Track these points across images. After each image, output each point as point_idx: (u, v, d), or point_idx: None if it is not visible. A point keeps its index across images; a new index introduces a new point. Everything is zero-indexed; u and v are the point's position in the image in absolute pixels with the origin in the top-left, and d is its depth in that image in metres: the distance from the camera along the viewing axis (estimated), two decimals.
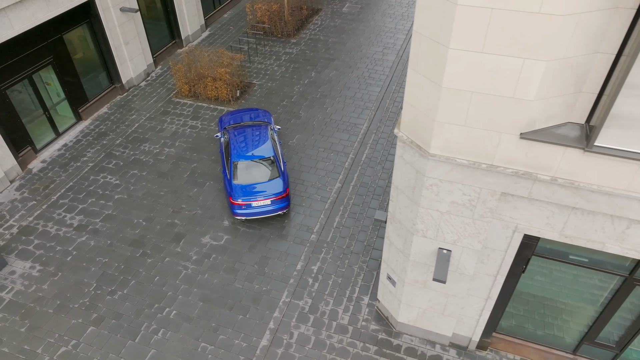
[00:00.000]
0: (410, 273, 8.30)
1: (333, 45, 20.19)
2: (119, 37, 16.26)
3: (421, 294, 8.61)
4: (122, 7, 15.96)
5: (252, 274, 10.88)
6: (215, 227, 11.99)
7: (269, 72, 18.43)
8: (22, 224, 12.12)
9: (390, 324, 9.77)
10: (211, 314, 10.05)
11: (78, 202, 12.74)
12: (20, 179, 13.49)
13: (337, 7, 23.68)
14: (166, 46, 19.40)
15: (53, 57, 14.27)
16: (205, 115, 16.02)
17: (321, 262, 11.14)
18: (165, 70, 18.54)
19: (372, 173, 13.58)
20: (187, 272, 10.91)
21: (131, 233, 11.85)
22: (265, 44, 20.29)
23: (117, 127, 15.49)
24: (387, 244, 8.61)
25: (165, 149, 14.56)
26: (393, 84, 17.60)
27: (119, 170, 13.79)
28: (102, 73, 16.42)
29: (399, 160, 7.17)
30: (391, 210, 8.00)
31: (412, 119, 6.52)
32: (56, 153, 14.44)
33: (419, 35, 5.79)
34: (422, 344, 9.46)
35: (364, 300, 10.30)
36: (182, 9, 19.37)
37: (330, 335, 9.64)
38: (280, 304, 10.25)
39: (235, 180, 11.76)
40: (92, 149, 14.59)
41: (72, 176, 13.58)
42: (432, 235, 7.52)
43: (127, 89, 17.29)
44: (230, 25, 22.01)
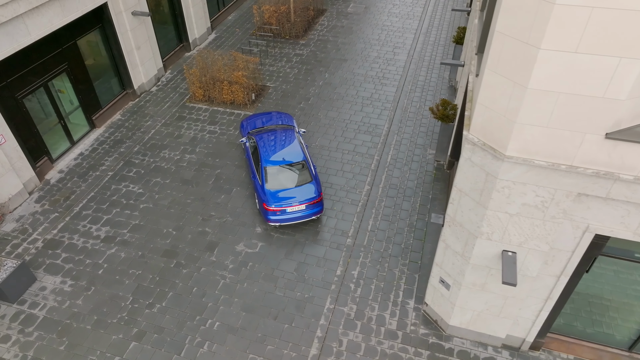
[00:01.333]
0: (468, 276, 8.20)
1: (343, 46, 20.04)
2: (130, 42, 15.86)
3: (477, 297, 8.52)
4: (134, 11, 15.57)
5: (292, 281, 10.67)
6: (248, 234, 11.74)
7: (281, 74, 18.20)
8: (47, 237, 11.70)
9: (440, 327, 9.66)
10: (255, 324, 9.82)
11: (102, 213, 12.36)
12: (39, 191, 13.04)
13: (342, 7, 23.54)
14: (174, 50, 19.03)
15: (67, 64, 13.84)
16: (222, 119, 15.72)
17: (360, 266, 10.98)
18: (175, 75, 18.17)
19: (400, 174, 13.47)
20: (225, 281, 10.65)
21: (162, 243, 11.53)
22: (274, 46, 20.05)
23: (133, 134, 15.10)
24: (442, 248, 8.49)
25: (186, 155, 14.24)
26: (408, 83, 17.53)
27: (140, 178, 13.43)
28: (114, 79, 16.00)
29: (466, 162, 7.06)
30: (450, 213, 7.89)
31: (486, 121, 6.40)
32: (73, 162, 14.00)
33: (501, 37, 5.67)
34: (474, 347, 9.37)
35: (410, 304, 10.17)
36: (189, 11, 19.02)
37: (380, 341, 9.49)
38: (324, 311, 10.07)
39: (268, 186, 11.53)
40: (109, 158, 14.19)
41: (93, 186, 13.18)
42: (497, 238, 7.42)
43: (139, 94, 16.89)
44: (235, 27, 21.70)
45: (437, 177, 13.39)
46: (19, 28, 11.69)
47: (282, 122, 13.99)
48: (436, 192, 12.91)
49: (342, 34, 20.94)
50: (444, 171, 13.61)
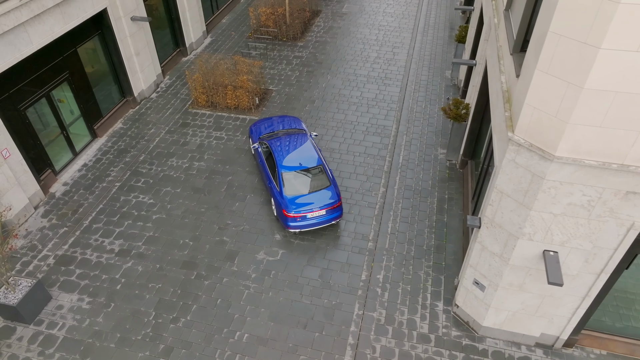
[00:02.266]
0: (507, 277, 8.16)
1: (342, 47, 19.92)
2: (130, 48, 15.45)
3: (514, 297, 8.49)
4: (134, 17, 15.17)
5: (317, 288, 10.49)
6: (267, 242, 11.52)
7: (283, 77, 17.98)
8: (58, 253, 11.27)
9: (472, 328, 9.61)
10: (285, 333, 9.62)
11: (114, 226, 11.97)
12: (45, 205, 12.57)
13: (336, 8, 23.42)
14: (171, 55, 18.63)
15: (69, 73, 13.38)
16: (228, 125, 15.44)
17: (385, 270, 10.88)
18: (174, 81, 17.78)
19: (413, 175, 13.41)
20: (249, 291, 10.42)
21: (180, 254, 11.22)
22: (272, 48, 19.81)
23: (137, 143, 14.70)
24: (477, 249, 8.44)
25: (194, 163, 13.92)
26: (411, 83, 17.51)
27: (150, 188, 13.07)
28: (114, 86, 15.56)
29: (509, 164, 7.00)
30: (489, 215, 7.83)
31: (534, 122, 6.35)
32: (77, 174, 13.55)
33: (556, 37, 5.61)
34: (507, 346, 9.35)
35: (439, 306, 10.11)
36: (185, 15, 18.65)
37: (413, 345, 9.39)
38: (354, 317, 9.93)
39: (287, 192, 11.32)
40: (115, 168, 13.77)
41: (101, 198, 12.77)
42: (539, 238, 7.39)
43: (139, 101, 16.47)
44: (231, 30, 21.38)
45: (450, 177, 13.37)
46: (21, 37, 11.23)
47: (292, 126, 13.79)
48: (452, 191, 12.89)
49: (340, 35, 20.83)
50: (457, 170, 13.60)
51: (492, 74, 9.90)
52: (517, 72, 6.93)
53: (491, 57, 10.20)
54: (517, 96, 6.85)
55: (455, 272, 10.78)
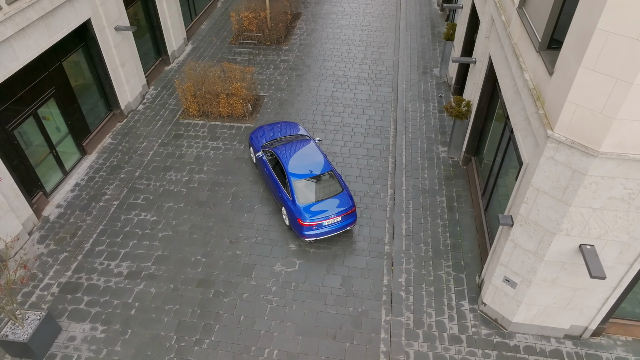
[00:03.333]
0: (541, 273, 8.21)
1: (328, 49, 19.76)
2: (115, 59, 14.78)
3: (546, 292, 8.55)
4: (118, 26, 14.52)
5: (341, 296, 10.30)
6: (283, 253, 11.23)
7: (272, 82, 17.66)
8: (62, 281, 10.62)
9: (501, 325, 9.64)
10: (315, 347, 9.37)
11: (118, 247, 11.39)
12: (39, 230, 11.83)
13: (316, 9, 23.24)
14: (154, 64, 17.98)
15: (55, 88, 12.66)
16: (223, 134, 15.00)
17: (405, 273, 10.79)
18: (160, 91, 17.16)
19: (418, 175, 13.41)
20: (272, 305, 10.11)
21: (194, 272, 10.78)
22: (258, 53, 19.43)
23: (130, 158, 14.07)
24: (509, 247, 8.45)
25: (194, 176, 13.44)
26: (401, 82, 17.54)
27: (151, 205, 12.52)
28: (100, 100, 14.85)
29: (548, 162, 7.02)
30: (523, 213, 7.84)
31: (577, 119, 6.37)
32: (70, 195, 12.83)
33: (604, 34, 5.63)
34: (537, 340, 9.43)
35: (464, 305, 10.10)
36: (166, 22, 18.04)
37: (446, 347, 9.34)
38: (382, 323, 9.79)
39: (300, 201, 11.07)
40: (110, 186, 13.13)
41: (100, 218, 12.13)
42: (576, 233, 7.45)
43: (126, 114, 15.79)
44: (212, 36, 20.85)
45: (455, 175, 13.44)
46: (6, 53, 10.51)
47: (294, 132, 13.53)
48: (459, 189, 12.95)
49: (324, 37, 20.66)
50: (461, 168, 13.69)
51: (503, 71, 9.97)
52: (550, 70, 6.95)
53: (497, 54, 10.27)
54: (552, 94, 6.87)
55: (475, 270, 10.81)
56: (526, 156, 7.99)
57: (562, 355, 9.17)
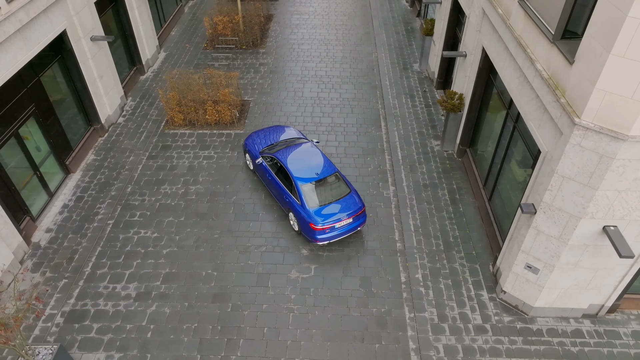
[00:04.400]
0: (564, 257, 8.43)
1: (306, 50, 19.61)
2: (92, 71, 14.05)
3: (568, 275, 8.80)
4: (93, 36, 13.81)
5: (362, 298, 10.22)
6: (296, 259, 11.02)
7: (255, 86, 17.34)
8: (65, 310, 9.97)
9: (522, 311, 9.85)
10: (345, 351, 9.25)
11: (121, 268, 10.82)
12: (31, 257, 11.06)
13: (287, 10, 23.00)
14: (129, 74, 17.24)
15: (35, 106, 11.87)
16: (213, 143, 14.57)
17: (421, 268, 10.84)
18: (138, 102, 16.47)
19: (417, 170, 13.52)
20: (294, 313, 9.89)
21: (207, 287, 10.39)
22: (235, 57, 19.03)
23: (118, 174, 13.41)
24: (532, 235, 8.63)
25: (190, 187, 12.98)
26: (384, 79, 17.64)
27: (149, 221, 11.98)
28: (79, 115, 14.08)
29: (574, 149, 7.20)
30: (547, 200, 8.02)
31: (606, 105, 6.57)
32: (59, 217, 12.08)
33: (635, 22, 5.81)
34: (558, 322, 9.70)
35: (483, 295, 10.26)
36: (139, 30, 17.34)
37: (473, 338, 9.45)
38: (407, 321, 9.78)
39: (310, 205, 10.89)
40: (102, 204, 12.46)
41: (96, 239, 11.48)
42: (600, 216, 7.69)
43: (107, 128, 15.05)
44: (184, 42, 20.23)
45: (452, 167, 13.64)
46: None
47: (290, 135, 13.32)
48: (458, 181, 13.15)
49: (300, 38, 20.49)
50: (456, 160, 13.91)
51: (503, 63, 10.18)
52: (570, 59, 7.13)
53: (494, 46, 10.48)
54: (575, 82, 7.05)
55: (487, 259, 11.00)
56: (544, 145, 8.17)
57: (583, 335, 9.47)
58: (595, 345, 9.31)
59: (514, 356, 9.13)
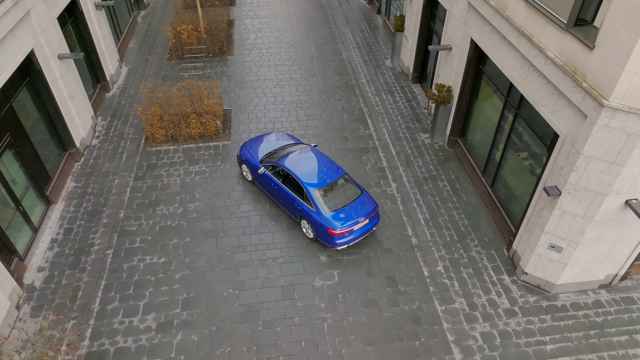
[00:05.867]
0: (588, 233, 8.84)
1: (276, 53, 19.29)
2: (63, 92, 13.01)
3: (590, 250, 9.24)
4: (61, 54, 12.79)
5: (392, 298, 10.19)
6: (316, 267, 10.80)
7: (232, 94, 16.82)
8: (81, 354, 9.15)
9: (544, 290, 10.23)
10: (387, 353, 9.17)
11: (134, 300, 10.10)
12: (27, 301, 10.06)
13: (244, 14, 22.51)
14: (95, 93, 16.14)
15: (10, 135, 10.81)
16: (202, 156, 13.97)
17: (441, 260, 10.98)
18: (110, 120, 15.46)
19: (414, 164, 13.68)
20: (328, 322, 9.68)
21: (233, 308, 9.94)
22: (205, 67, 18.36)
23: (106, 200, 12.51)
24: (556, 215, 8.97)
25: (188, 205, 12.35)
26: (360, 77, 17.71)
27: (153, 246, 11.27)
28: (53, 140, 12.99)
29: (601, 129, 7.54)
30: (573, 181, 8.36)
31: (636, 86, 6.92)
32: (50, 254, 11.08)
33: None
34: (578, 296, 10.17)
35: (505, 279, 10.55)
36: (100, 45, 16.28)
37: (505, 322, 9.69)
38: (440, 314, 9.87)
39: (326, 210, 10.71)
40: (95, 234, 11.57)
41: (98, 272, 10.65)
42: (624, 191, 8.13)
43: (83, 152, 14.00)
44: (145, 54, 19.24)
45: (446, 158, 13.94)
46: None
47: (286, 141, 13.03)
48: (455, 171, 13.46)
49: (267, 42, 20.12)
50: (448, 151, 14.22)
51: (500, 53, 10.50)
52: (590, 44, 7.45)
53: (486, 38, 10.77)
54: (599, 66, 7.38)
55: (501, 244, 11.33)
56: (562, 128, 8.51)
57: (603, 304, 9.99)
58: (616, 313, 9.85)
59: (547, 334, 9.46)
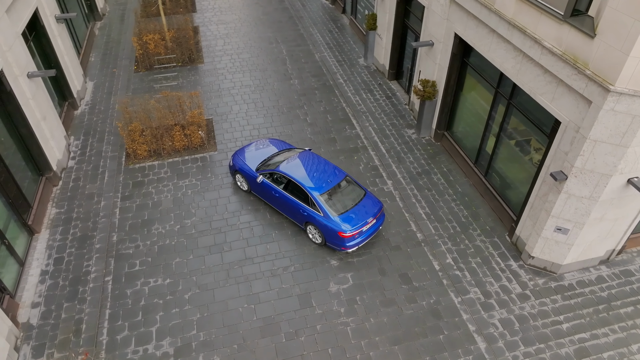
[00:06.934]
0: (594, 213, 9.25)
1: (247, 59, 18.93)
2: (35, 113, 12.17)
3: (594, 229, 9.68)
4: (31, 73, 11.95)
5: (409, 295, 10.23)
6: (329, 272, 10.68)
7: (210, 103, 16.34)
8: None
9: (550, 271, 10.62)
10: (414, 350, 9.20)
11: (145, 326, 9.59)
12: (26, 341, 9.32)
13: (208, 20, 21.96)
14: (63, 111, 15.20)
15: None
16: (190, 169, 13.48)
17: (448, 252, 11.15)
18: (84, 139, 14.61)
19: (405, 160, 13.83)
20: (351, 327, 9.59)
21: (251, 323, 9.63)
22: (177, 77, 17.73)
23: (94, 224, 11.81)
24: (562, 199, 9.32)
25: (185, 221, 11.88)
26: (336, 77, 17.71)
27: (154, 267, 10.75)
28: (29, 165, 12.11)
29: (607, 114, 7.90)
30: (579, 165, 8.71)
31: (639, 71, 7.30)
32: (42, 287, 10.33)
33: None
34: (582, 274, 10.64)
35: (512, 265, 10.86)
36: (65, 60, 15.36)
37: (521, 307, 9.97)
38: (458, 306, 10.02)
39: (334, 213, 10.61)
40: (89, 261, 10.90)
41: (100, 301, 10.03)
42: (627, 170, 8.57)
43: (60, 175, 13.15)
44: (110, 67, 18.35)
45: (435, 152, 14.18)
46: None
47: (281, 147, 12.81)
48: (445, 163, 13.72)
49: (236, 48, 19.70)
50: (435, 144, 14.48)
51: (489, 46, 10.79)
52: (591, 33, 7.79)
53: (472, 32, 11.04)
54: (602, 54, 7.72)
55: (502, 231, 11.66)
56: (564, 115, 8.85)
57: (605, 279, 10.51)
58: (618, 286, 10.38)
59: (560, 313, 9.83)
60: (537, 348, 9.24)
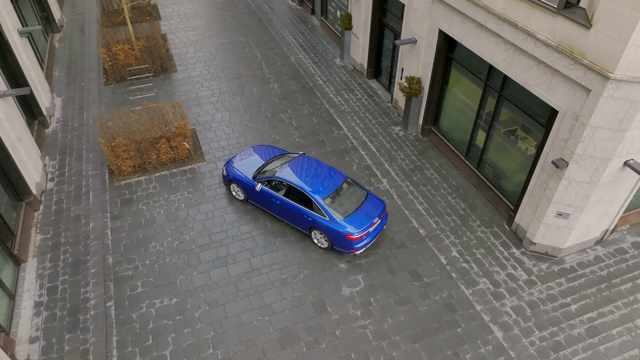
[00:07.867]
0: (593, 196, 9.61)
1: (221, 64, 18.51)
2: (9, 134, 11.40)
3: (592, 212, 10.06)
4: (3, 92, 11.18)
5: (421, 291, 10.29)
6: (339, 276, 10.58)
7: (191, 112, 15.86)
8: None
9: (552, 256, 10.96)
10: (435, 346, 9.27)
11: (157, 350, 9.17)
12: None
13: (175, 25, 21.32)
14: (34, 130, 14.33)
15: None
16: (180, 182, 13.02)
17: (452, 246, 11.31)
18: (61, 159, 13.84)
19: (397, 158, 13.92)
20: (370, 329, 9.54)
21: (269, 336, 9.40)
22: (152, 88, 17.10)
23: (86, 247, 11.20)
24: (564, 185, 9.62)
25: (184, 237, 11.46)
26: (316, 79, 17.62)
27: (158, 288, 10.31)
28: (7, 190, 11.32)
29: (606, 100, 8.22)
30: (579, 151, 9.02)
31: (638, 58, 7.62)
32: (40, 320, 9.69)
33: None
34: (580, 255, 11.04)
35: (515, 252, 11.14)
36: (31, 76, 14.50)
37: (530, 293, 10.24)
38: (469, 297, 10.17)
39: (341, 216, 10.52)
40: (87, 287, 10.32)
41: (105, 329, 9.51)
42: (624, 154, 8.95)
43: (40, 199, 12.39)
44: (77, 81, 17.47)
45: (424, 147, 14.36)
46: None
47: (275, 153, 12.59)
48: (436, 158, 13.91)
49: (209, 54, 19.23)
50: (423, 140, 14.66)
51: (477, 40, 11.01)
52: (587, 24, 8.07)
53: (458, 27, 11.24)
54: (599, 43, 8.01)
55: (500, 220, 11.94)
56: (561, 104, 9.14)
57: (602, 259, 10.95)
58: (615, 264, 10.85)
59: (567, 295, 10.17)
60: (551, 332, 9.51)
